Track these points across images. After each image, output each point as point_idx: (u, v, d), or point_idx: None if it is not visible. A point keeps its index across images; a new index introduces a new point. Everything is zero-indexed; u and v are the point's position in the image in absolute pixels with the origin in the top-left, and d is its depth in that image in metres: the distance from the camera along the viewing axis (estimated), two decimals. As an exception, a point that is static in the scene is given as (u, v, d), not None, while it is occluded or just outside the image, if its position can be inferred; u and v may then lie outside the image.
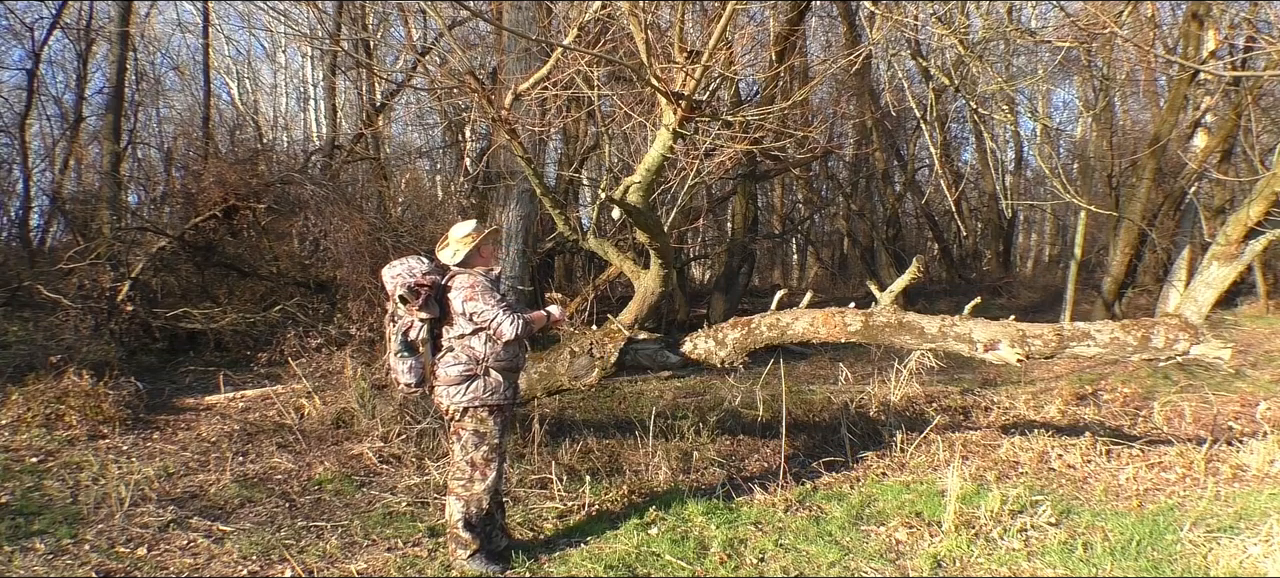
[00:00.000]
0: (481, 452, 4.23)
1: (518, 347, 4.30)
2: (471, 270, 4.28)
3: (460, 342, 4.22)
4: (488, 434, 4.23)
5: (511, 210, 9.29)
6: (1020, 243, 24.66)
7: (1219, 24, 11.69)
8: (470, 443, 4.23)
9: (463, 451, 4.24)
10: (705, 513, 5.04)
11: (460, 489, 4.23)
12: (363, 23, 14.09)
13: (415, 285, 4.21)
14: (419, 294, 4.20)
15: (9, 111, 14.08)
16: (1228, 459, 5.91)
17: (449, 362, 4.23)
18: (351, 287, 9.05)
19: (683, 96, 5.10)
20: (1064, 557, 4.35)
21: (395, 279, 4.28)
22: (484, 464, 4.23)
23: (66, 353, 7.48)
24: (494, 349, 4.20)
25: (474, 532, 4.24)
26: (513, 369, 4.30)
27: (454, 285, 4.26)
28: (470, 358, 4.20)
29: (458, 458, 4.26)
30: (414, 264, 4.33)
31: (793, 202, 20.84)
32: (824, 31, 17.12)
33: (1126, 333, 5.24)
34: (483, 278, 4.25)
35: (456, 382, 4.20)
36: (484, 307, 4.16)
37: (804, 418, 7.52)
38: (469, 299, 4.18)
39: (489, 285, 4.23)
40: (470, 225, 4.37)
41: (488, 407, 4.21)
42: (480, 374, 4.20)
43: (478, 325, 4.19)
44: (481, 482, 4.22)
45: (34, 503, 5.01)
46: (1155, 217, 13.36)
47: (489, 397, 4.20)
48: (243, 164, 10.39)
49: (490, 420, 4.23)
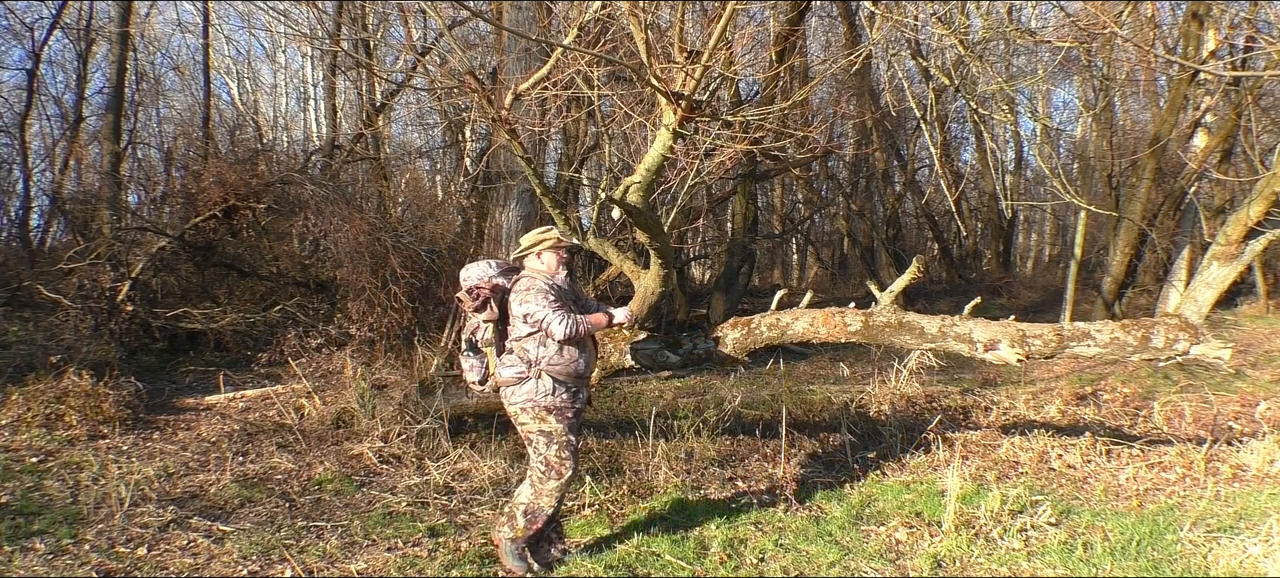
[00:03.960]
0: (553, 450, 4.21)
1: (577, 351, 4.25)
2: (534, 274, 4.31)
3: (517, 344, 4.24)
4: (554, 434, 4.20)
5: (511, 210, 9.30)
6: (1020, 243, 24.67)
7: (1219, 24, 11.69)
8: (541, 443, 4.22)
9: (536, 453, 4.24)
10: (705, 513, 5.04)
11: (535, 478, 4.24)
12: (363, 23, 14.09)
13: (474, 288, 4.29)
14: (476, 296, 4.26)
15: (9, 111, 14.10)
16: (1228, 459, 5.91)
17: (506, 363, 4.27)
18: (351, 287, 9.03)
19: (683, 96, 5.10)
20: (1064, 557, 4.35)
21: (465, 281, 4.38)
22: (558, 463, 4.21)
23: (66, 353, 7.48)
24: (547, 352, 4.18)
25: (530, 523, 4.23)
26: (571, 375, 4.24)
27: (515, 289, 4.30)
28: (524, 360, 4.20)
29: (533, 459, 4.26)
30: (484, 267, 4.39)
31: (793, 202, 20.85)
32: (824, 31, 17.14)
33: (1126, 333, 5.24)
34: (541, 281, 4.26)
35: (511, 382, 4.23)
36: (535, 307, 4.16)
37: (804, 418, 7.52)
38: (523, 301, 4.21)
39: (545, 288, 4.22)
40: (539, 231, 4.40)
41: (544, 408, 4.20)
42: (533, 377, 4.19)
43: (532, 327, 4.19)
44: (555, 480, 4.21)
45: (34, 503, 5.01)
46: (1155, 217, 13.36)
47: (542, 399, 4.19)
48: (243, 164, 10.37)
49: (551, 419, 4.20)
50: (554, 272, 4.36)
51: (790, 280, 23.28)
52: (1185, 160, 12.43)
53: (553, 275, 4.34)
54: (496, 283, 4.33)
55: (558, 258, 4.38)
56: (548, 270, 4.35)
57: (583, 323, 4.23)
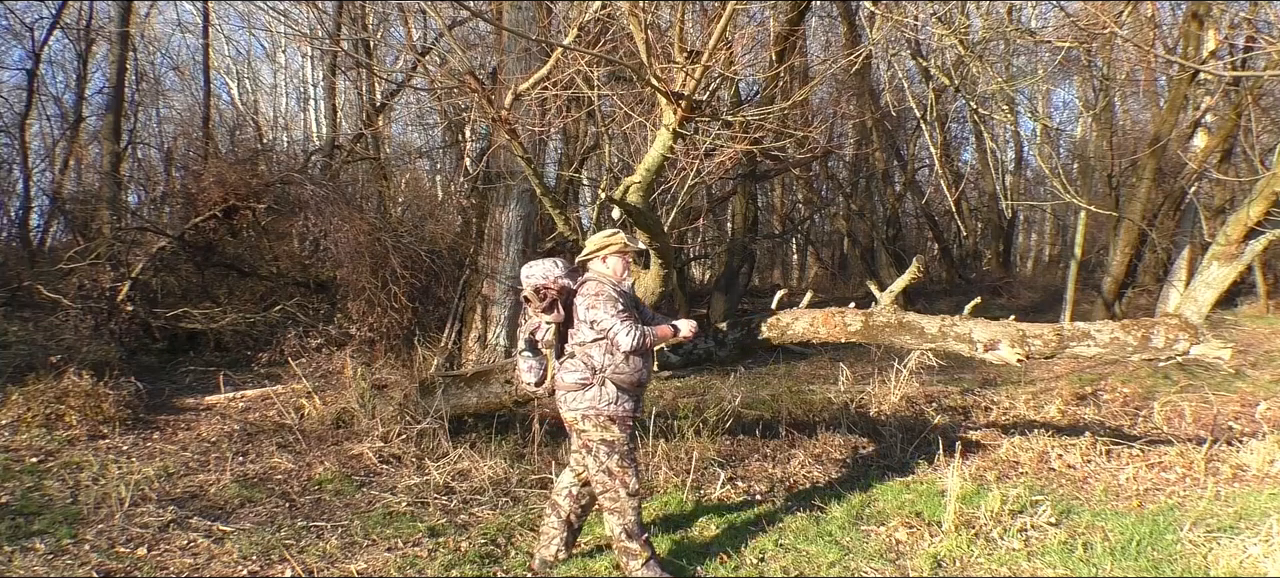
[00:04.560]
0: (615, 460, 4.09)
1: (640, 361, 4.14)
2: (600, 278, 4.19)
3: (581, 348, 4.12)
4: (616, 443, 4.09)
5: (511, 210, 9.29)
6: (1020, 243, 24.67)
7: (1219, 24, 11.69)
8: (602, 453, 4.09)
9: (596, 462, 4.10)
10: (705, 513, 5.04)
11: (609, 503, 4.11)
12: (363, 23, 14.09)
13: (541, 287, 4.17)
14: (543, 296, 4.16)
15: (9, 111, 14.10)
16: (1228, 459, 5.91)
17: (568, 368, 4.14)
18: (351, 287, 9.04)
19: (683, 96, 5.10)
20: (1064, 557, 4.35)
21: (528, 280, 4.25)
22: (621, 471, 4.09)
23: (66, 353, 7.48)
24: (613, 360, 4.06)
25: (639, 539, 4.12)
26: (634, 383, 4.13)
27: (581, 292, 4.17)
28: (588, 366, 4.08)
29: (593, 472, 4.12)
30: (549, 267, 4.27)
31: (793, 202, 20.84)
32: (824, 31, 17.12)
33: (1126, 333, 5.24)
34: (610, 287, 4.14)
35: (573, 388, 4.10)
36: (603, 315, 4.05)
37: (804, 418, 7.51)
38: (591, 306, 4.08)
39: (613, 295, 4.10)
40: (606, 232, 4.29)
41: (606, 416, 4.08)
42: (596, 384, 4.07)
43: (598, 334, 4.08)
44: (624, 489, 4.08)
45: (34, 503, 5.01)
46: (1155, 217, 13.36)
47: (604, 407, 4.07)
48: (243, 164, 10.39)
49: (614, 428, 4.09)
50: (619, 277, 4.24)
51: (790, 280, 23.29)
52: (1185, 160, 12.43)
53: (619, 281, 4.22)
54: (563, 284, 4.21)
55: (623, 262, 4.24)
56: (614, 275, 4.22)
57: (650, 335, 4.13)
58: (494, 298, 9.30)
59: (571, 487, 4.33)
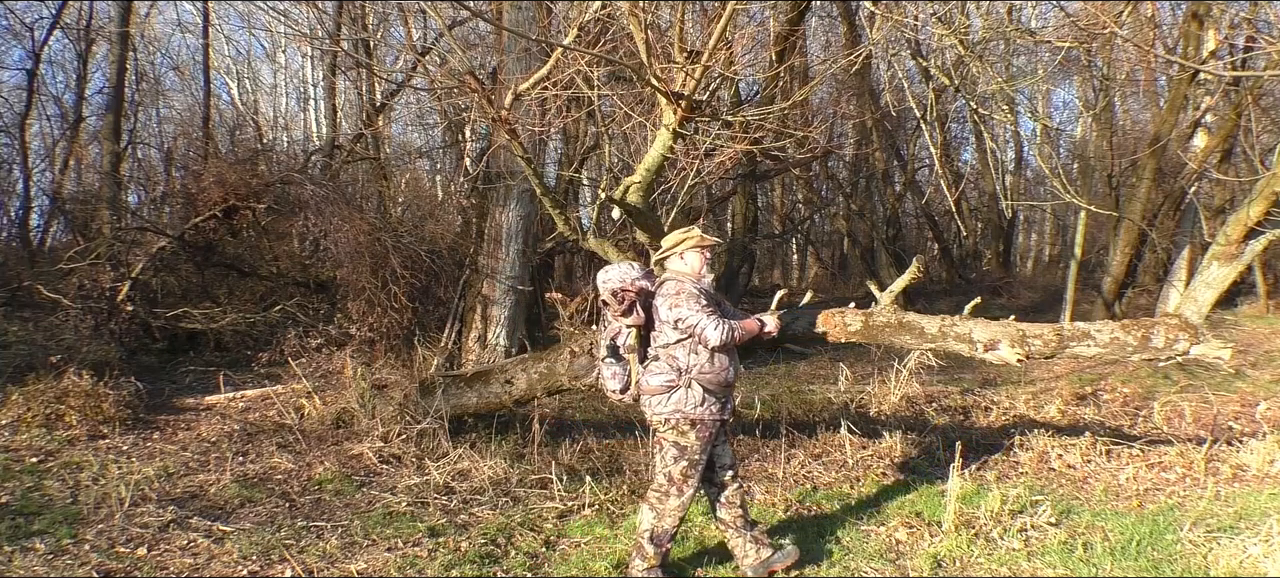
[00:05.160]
0: (680, 467, 4.03)
1: (727, 359, 4.07)
2: (680, 276, 4.13)
3: (665, 350, 4.05)
4: (688, 449, 4.02)
5: (511, 210, 9.29)
6: (1020, 243, 24.66)
7: (1219, 24, 11.69)
8: (670, 455, 4.04)
9: (661, 462, 4.08)
10: (705, 513, 5.03)
11: (655, 500, 4.08)
12: (363, 23, 14.08)
13: (619, 290, 4.13)
14: (622, 299, 4.11)
15: (9, 111, 14.09)
16: (1228, 459, 5.91)
17: (653, 371, 4.07)
18: (351, 287, 9.04)
19: (683, 96, 5.10)
20: (1064, 557, 4.35)
21: (605, 284, 4.20)
22: (681, 480, 4.04)
23: (66, 353, 7.48)
24: (698, 360, 4.00)
25: (657, 547, 4.07)
26: (721, 384, 4.06)
27: (661, 292, 4.11)
28: (673, 368, 4.01)
29: (657, 468, 4.11)
30: (626, 270, 4.22)
31: (793, 202, 20.84)
32: (824, 31, 17.11)
33: (1126, 333, 5.24)
34: (690, 284, 4.07)
35: (658, 391, 4.03)
36: (688, 312, 3.97)
37: (804, 418, 7.51)
38: (673, 305, 4.01)
39: (695, 292, 4.03)
40: (681, 231, 4.23)
41: (689, 421, 4.01)
42: (682, 386, 4.00)
43: (682, 333, 4.01)
44: (676, 497, 4.04)
45: (34, 503, 5.01)
46: (1155, 217, 13.36)
47: (691, 410, 3.99)
48: (243, 164, 10.39)
49: (691, 434, 4.01)
50: (699, 273, 4.16)
51: (790, 280, 23.28)
52: (1185, 160, 12.43)
53: (699, 277, 4.14)
54: (641, 286, 4.16)
55: (702, 258, 4.16)
56: (693, 272, 4.14)
57: (737, 330, 4.05)
58: (494, 298, 9.30)
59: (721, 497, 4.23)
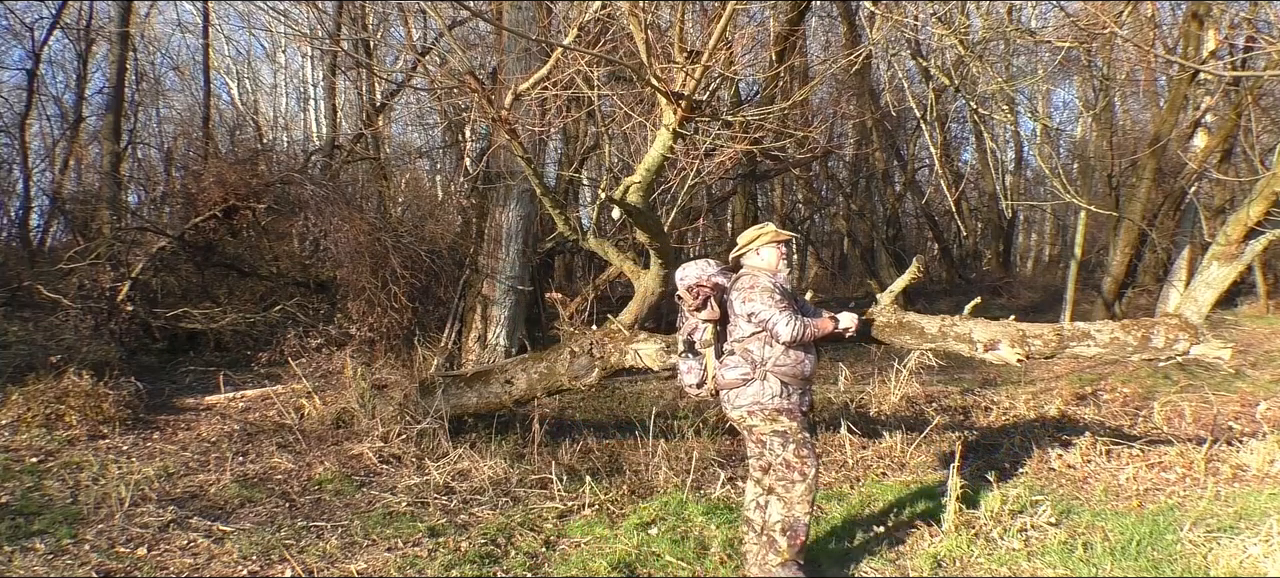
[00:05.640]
0: (792, 449, 3.99)
1: (803, 353, 4.06)
2: (755, 271, 4.15)
3: (740, 344, 4.06)
4: (790, 432, 4.00)
5: (511, 210, 9.29)
6: (1020, 243, 24.65)
7: (1219, 24, 11.69)
8: (776, 445, 4.01)
9: (773, 455, 4.03)
10: (705, 513, 5.04)
11: (782, 490, 4.01)
12: (363, 23, 14.08)
13: (694, 286, 4.15)
14: (697, 295, 4.13)
15: (9, 111, 14.08)
16: (1228, 459, 5.91)
17: (729, 365, 4.09)
18: (351, 287, 9.04)
19: (683, 96, 5.10)
20: (1064, 557, 4.35)
21: (682, 281, 4.24)
22: (800, 460, 3.99)
23: (66, 353, 7.48)
24: (773, 353, 4.00)
25: (792, 539, 4.00)
26: (797, 377, 4.04)
27: (735, 286, 4.13)
28: (748, 361, 4.02)
29: (774, 464, 4.05)
30: (704, 266, 4.25)
31: (793, 202, 20.83)
32: (824, 31, 17.11)
33: (1126, 333, 5.24)
34: (765, 279, 4.08)
35: (735, 384, 4.05)
36: (760, 307, 3.98)
37: (804, 418, 7.50)
38: (747, 299, 4.03)
39: (769, 287, 4.04)
40: (756, 227, 4.25)
41: (773, 410, 4.00)
42: (757, 378, 4.00)
43: (756, 327, 4.02)
44: (801, 481, 3.97)
45: (34, 503, 5.01)
46: (1155, 217, 13.36)
47: (768, 401, 4.00)
48: (243, 164, 10.38)
49: (784, 418, 4.01)
50: (775, 268, 4.17)
51: (790, 280, 23.24)
52: (1185, 160, 12.43)
53: (775, 272, 4.15)
54: (717, 281, 4.18)
55: (778, 253, 4.17)
56: (769, 266, 4.16)
57: (809, 327, 4.04)
58: (494, 298, 9.31)
59: (758, 498, 4.20)
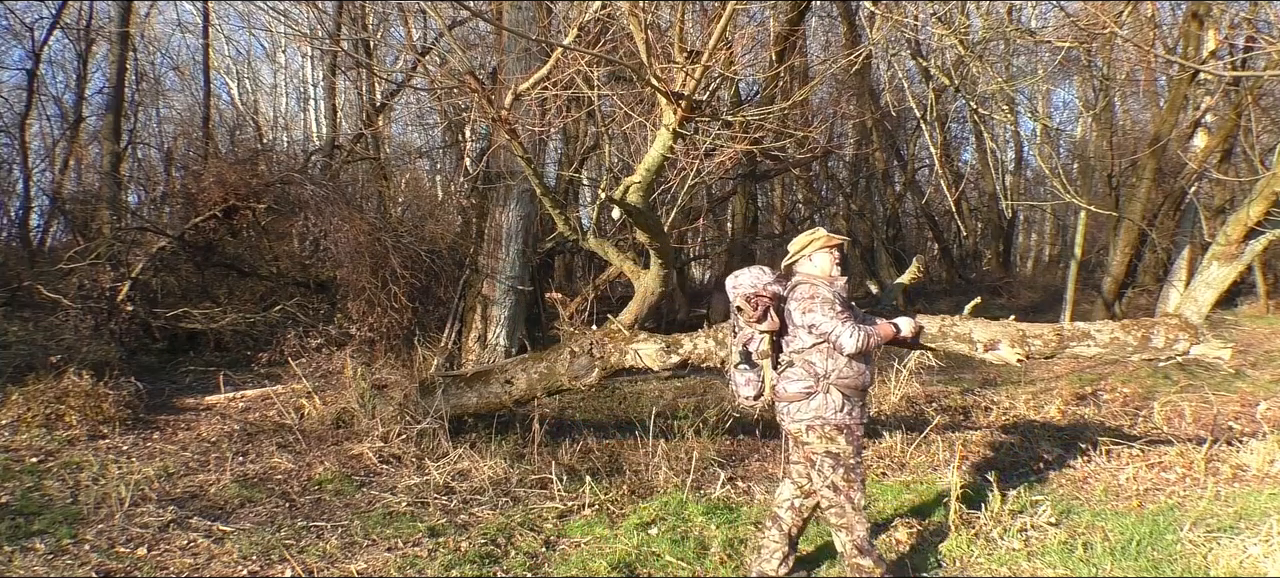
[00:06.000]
0: (840, 473, 3.90)
1: (863, 363, 3.97)
2: (813, 279, 4.02)
3: (800, 356, 3.96)
4: (842, 455, 3.91)
5: (511, 210, 9.29)
6: (1020, 243, 24.64)
7: (1219, 24, 11.69)
8: (826, 466, 3.91)
9: (820, 477, 3.93)
10: (705, 513, 5.04)
11: (835, 519, 3.95)
12: (363, 23, 14.08)
13: (753, 296, 4.01)
14: (756, 305, 3.99)
15: (9, 111, 14.07)
16: (1228, 459, 5.91)
17: (789, 377, 3.97)
18: (351, 287, 9.04)
19: (683, 96, 5.10)
20: (1064, 557, 4.35)
21: (735, 290, 4.11)
22: (847, 485, 3.90)
23: (66, 353, 7.48)
24: (835, 364, 3.90)
25: (871, 555, 3.94)
26: (859, 388, 3.97)
27: (794, 296, 4.01)
28: (810, 373, 3.91)
29: (819, 486, 3.96)
30: (758, 274, 4.11)
31: (793, 202, 20.82)
32: (824, 31, 17.12)
33: (1126, 333, 5.24)
34: (824, 288, 3.96)
35: (796, 398, 3.94)
36: (822, 318, 3.88)
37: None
38: (807, 310, 3.92)
39: (830, 296, 3.93)
40: (807, 233, 4.16)
41: (834, 427, 3.91)
42: (821, 391, 3.90)
43: (817, 338, 3.92)
44: (851, 505, 3.90)
45: (34, 503, 5.01)
46: (1155, 217, 13.36)
47: (831, 416, 3.90)
48: (243, 164, 10.38)
49: (841, 439, 3.91)
50: (831, 275, 4.05)
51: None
52: (1185, 160, 12.43)
53: (831, 280, 4.03)
54: (774, 290, 4.05)
55: (832, 258, 4.05)
56: (823, 273, 4.04)
57: (873, 336, 3.97)
58: (494, 298, 9.31)
59: (793, 499, 4.14)
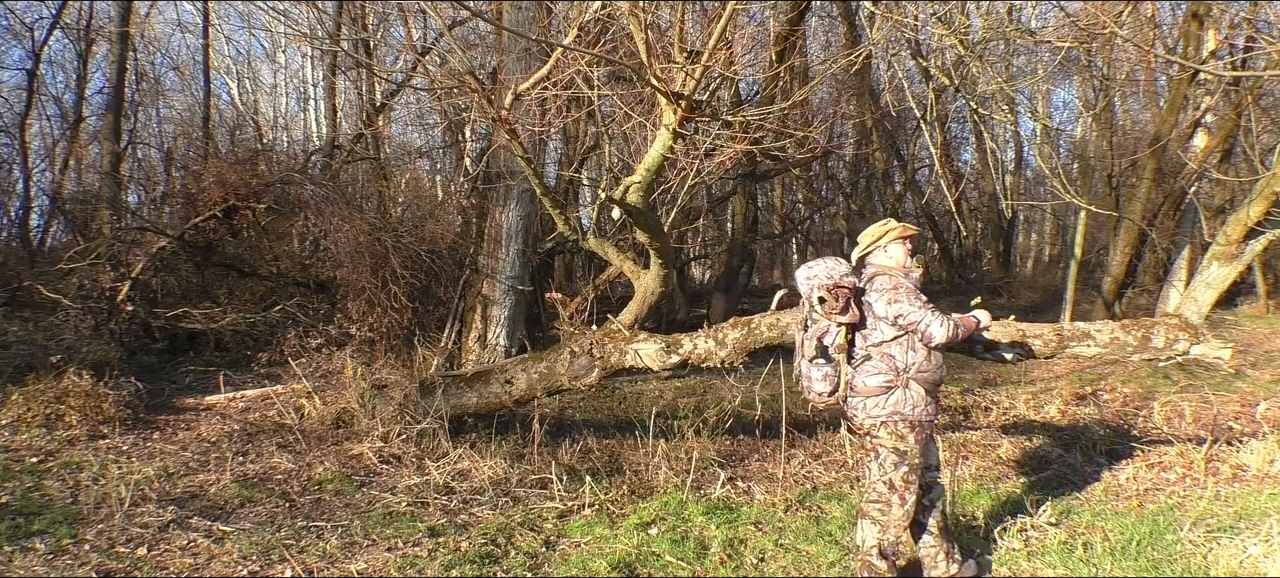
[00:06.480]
0: (901, 473, 3.87)
1: (941, 357, 3.94)
2: (890, 270, 3.96)
3: (878, 349, 3.88)
4: (908, 454, 3.87)
5: (511, 210, 9.29)
6: (1020, 243, 24.64)
7: (1219, 24, 11.69)
8: (890, 462, 3.87)
9: (880, 470, 3.90)
10: (705, 513, 5.04)
11: (877, 514, 3.91)
12: (363, 23, 14.08)
13: (835, 287, 3.89)
14: (839, 296, 3.87)
15: (9, 111, 14.07)
16: (1228, 459, 5.91)
17: (868, 371, 3.89)
18: (351, 287, 9.05)
19: (683, 96, 5.10)
20: (1064, 557, 4.35)
21: (810, 281, 3.99)
22: (903, 487, 3.87)
23: (66, 353, 7.48)
24: (916, 358, 3.86)
25: (890, 561, 3.91)
26: (935, 383, 3.93)
27: (874, 287, 3.93)
28: (890, 367, 3.85)
29: (873, 478, 3.93)
30: (832, 265, 4.00)
31: (793, 202, 20.84)
32: (824, 31, 17.13)
33: (1126, 333, 5.24)
34: (904, 279, 3.91)
35: (876, 392, 3.87)
36: (909, 308, 3.81)
37: (804, 418, 7.50)
38: (893, 301, 3.84)
39: (912, 287, 3.88)
40: (880, 224, 4.09)
41: (908, 422, 3.86)
42: (901, 386, 3.85)
43: (900, 330, 3.85)
44: (900, 506, 3.88)
45: (34, 503, 5.01)
46: (1155, 217, 13.36)
47: (909, 411, 3.85)
48: (243, 164, 10.38)
49: (911, 437, 3.86)
50: (905, 266, 4.00)
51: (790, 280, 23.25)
52: (1185, 160, 12.43)
53: (906, 271, 3.98)
54: (852, 282, 3.95)
55: (906, 249, 4.00)
56: (898, 264, 3.99)
57: (960, 325, 3.88)
58: (494, 298, 9.31)
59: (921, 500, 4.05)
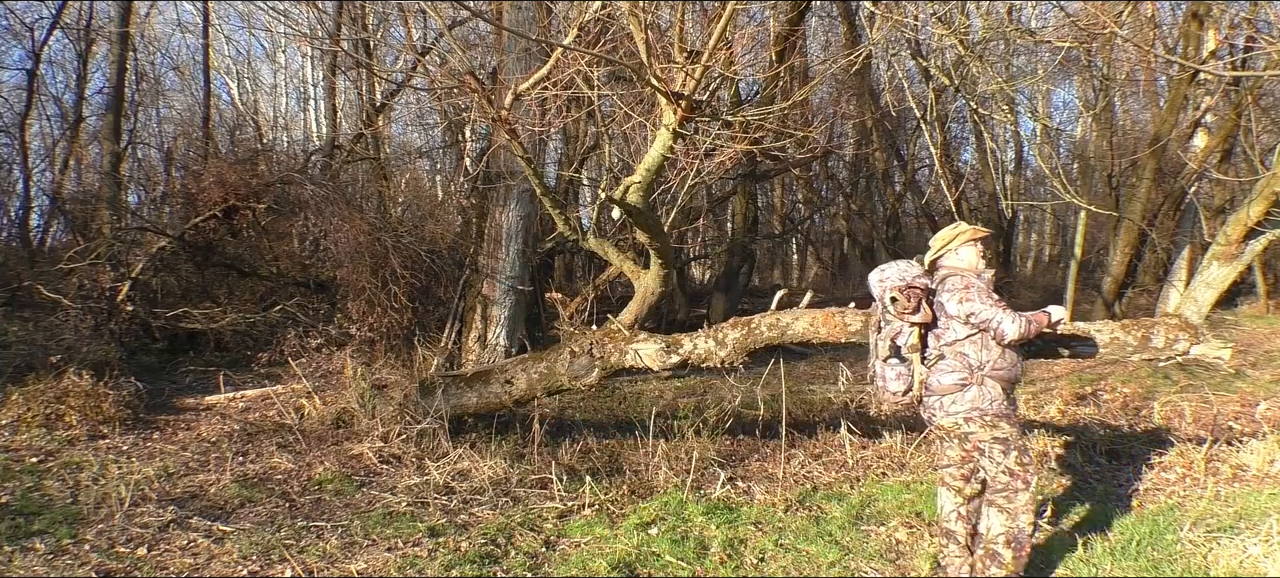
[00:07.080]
0: (1014, 456, 3.85)
1: (1016, 354, 3.95)
2: (962, 271, 4.00)
3: (952, 348, 3.91)
4: (1011, 439, 3.87)
5: (511, 210, 9.29)
6: (1020, 243, 24.65)
7: (1219, 24, 11.69)
8: (997, 453, 3.86)
9: (994, 464, 3.87)
10: (705, 513, 5.04)
11: (1004, 502, 3.87)
12: (363, 23, 14.08)
13: (908, 288, 3.94)
14: (911, 297, 3.91)
15: (9, 111, 14.08)
16: (1228, 459, 5.91)
17: (943, 370, 3.92)
18: (351, 287, 9.05)
19: (683, 96, 5.10)
20: (1064, 557, 4.35)
21: (883, 283, 4.03)
22: (1022, 469, 3.85)
23: (66, 353, 7.48)
24: (990, 356, 3.88)
25: (1017, 551, 3.87)
26: (1012, 380, 3.95)
27: (946, 287, 3.97)
28: (964, 365, 3.88)
29: (993, 473, 3.89)
30: (904, 267, 4.07)
31: (793, 202, 20.84)
32: (824, 31, 17.13)
33: (1126, 333, 5.24)
34: (976, 278, 3.94)
35: (950, 390, 3.89)
36: (981, 306, 3.84)
37: (804, 418, 7.51)
38: (964, 300, 3.88)
39: (984, 286, 3.91)
40: (951, 227, 4.12)
41: (992, 413, 3.88)
42: (975, 383, 3.87)
43: (973, 328, 3.88)
44: (1024, 490, 3.84)
45: (34, 503, 5.01)
46: (1155, 217, 13.37)
47: (989, 406, 3.87)
48: (243, 164, 10.39)
49: (1004, 424, 3.88)
50: (977, 266, 4.02)
51: (790, 280, 23.28)
52: (1185, 160, 12.43)
53: (979, 272, 4.00)
54: (925, 283, 4.00)
55: (978, 251, 4.03)
56: (971, 266, 4.02)
57: (1033, 322, 3.89)
58: (494, 298, 9.31)
59: (958, 508, 4.01)
